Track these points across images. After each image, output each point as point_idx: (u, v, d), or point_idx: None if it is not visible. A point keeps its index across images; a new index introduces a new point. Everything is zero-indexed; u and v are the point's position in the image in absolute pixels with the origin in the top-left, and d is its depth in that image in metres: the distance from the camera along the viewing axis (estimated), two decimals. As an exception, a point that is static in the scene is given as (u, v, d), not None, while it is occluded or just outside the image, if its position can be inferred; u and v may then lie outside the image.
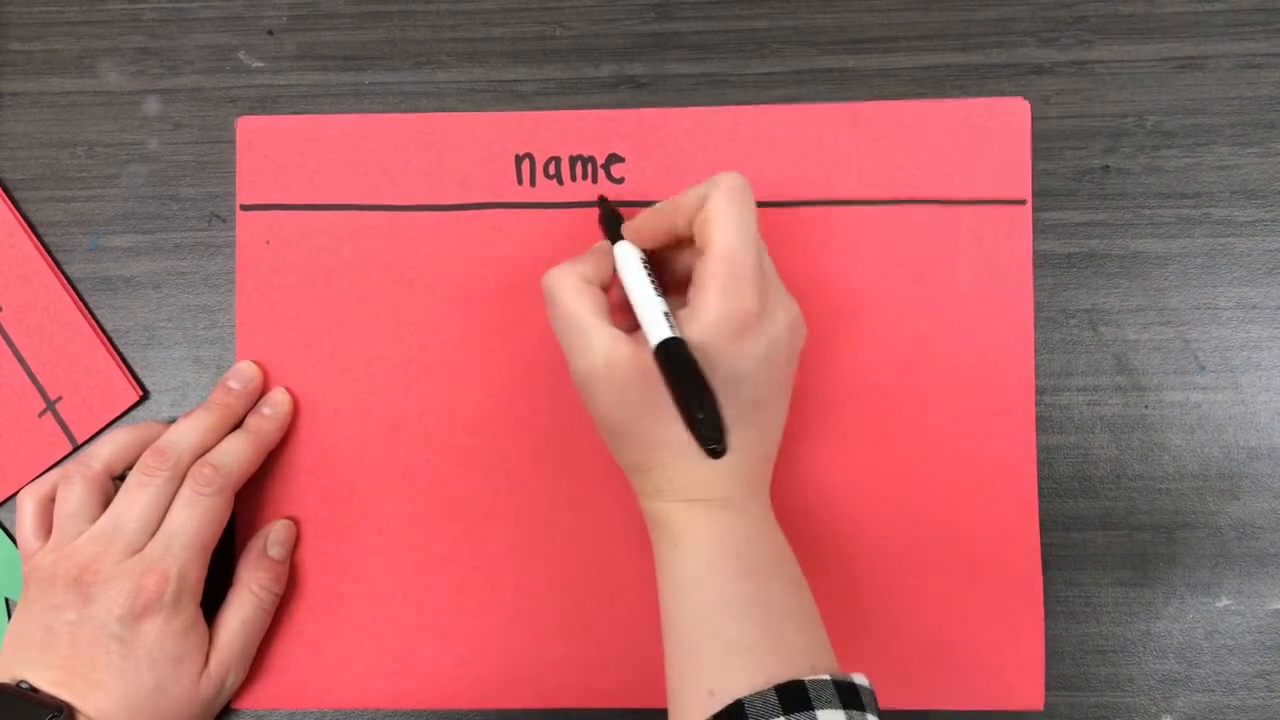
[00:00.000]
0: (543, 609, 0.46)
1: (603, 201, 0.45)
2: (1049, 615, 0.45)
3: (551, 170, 0.47)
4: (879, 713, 0.36)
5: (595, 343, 0.39)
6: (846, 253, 0.46)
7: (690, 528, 0.39)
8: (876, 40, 0.48)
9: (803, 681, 0.35)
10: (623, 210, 0.47)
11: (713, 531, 0.39)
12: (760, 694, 0.35)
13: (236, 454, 0.44)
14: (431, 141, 0.47)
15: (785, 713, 0.34)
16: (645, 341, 0.38)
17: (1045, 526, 0.46)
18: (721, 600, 0.38)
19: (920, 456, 0.46)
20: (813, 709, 0.34)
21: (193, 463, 0.43)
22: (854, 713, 0.35)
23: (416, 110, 0.48)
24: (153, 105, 0.49)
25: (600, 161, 0.47)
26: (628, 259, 0.41)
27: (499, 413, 0.47)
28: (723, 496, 0.39)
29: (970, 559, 0.45)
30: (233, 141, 0.48)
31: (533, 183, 0.47)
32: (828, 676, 0.35)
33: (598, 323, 0.39)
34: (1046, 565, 0.45)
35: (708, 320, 0.38)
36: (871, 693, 0.36)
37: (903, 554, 0.46)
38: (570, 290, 0.40)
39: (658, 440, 0.39)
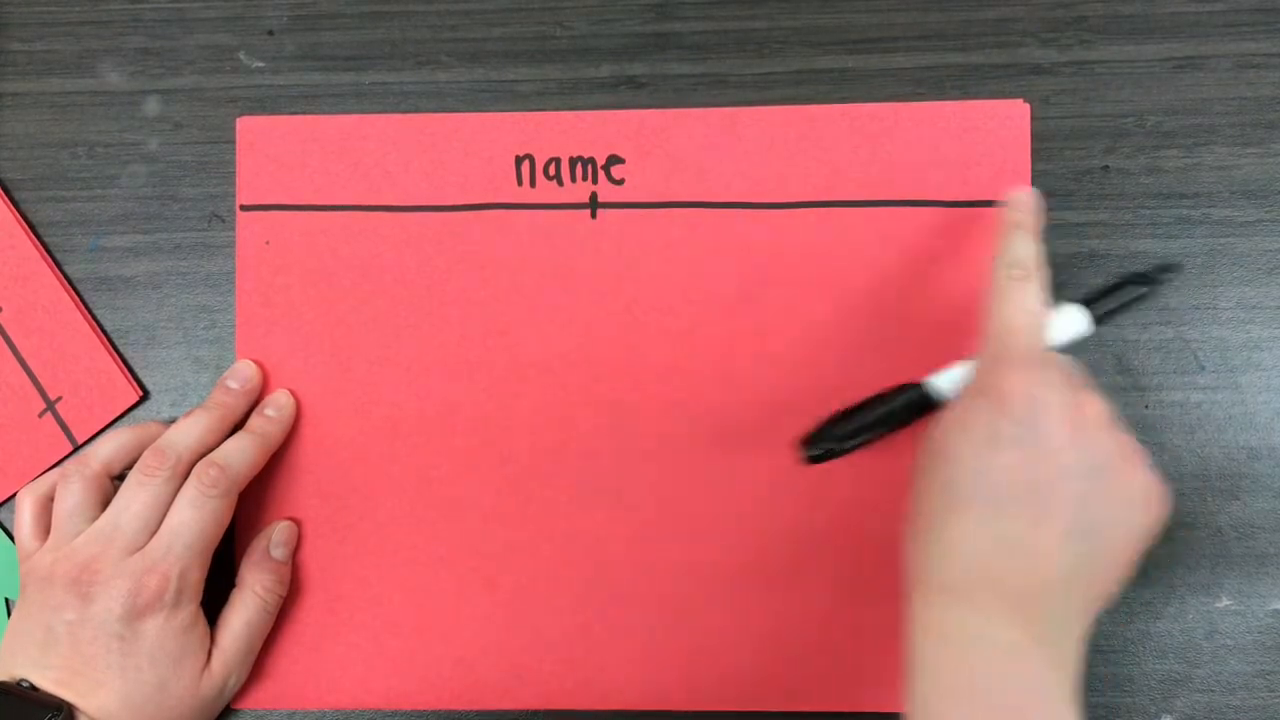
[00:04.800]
0: (543, 609, 0.46)
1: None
2: (1049, 615, 0.45)
3: (551, 171, 0.47)
4: None
5: None
6: (846, 254, 0.46)
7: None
8: (876, 40, 0.48)
9: None
10: (625, 212, 0.47)
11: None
12: None
13: (241, 454, 0.44)
14: (432, 142, 0.47)
15: None
16: None
17: (1045, 526, 0.46)
18: None
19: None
20: None
21: (192, 462, 0.43)
22: None
23: (416, 110, 0.48)
24: (153, 105, 0.49)
25: (600, 163, 0.47)
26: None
27: (499, 413, 0.47)
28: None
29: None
30: (233, 141, 0.48)
31: (533, 184, 0.47)
32: None
33: None
34: (1046, 565, 0.45)
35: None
36: None
37: (902, 554, 0.45)
38: None
39: None
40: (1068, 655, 0.35)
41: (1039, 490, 0.35)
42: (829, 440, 0.41)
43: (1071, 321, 0.41)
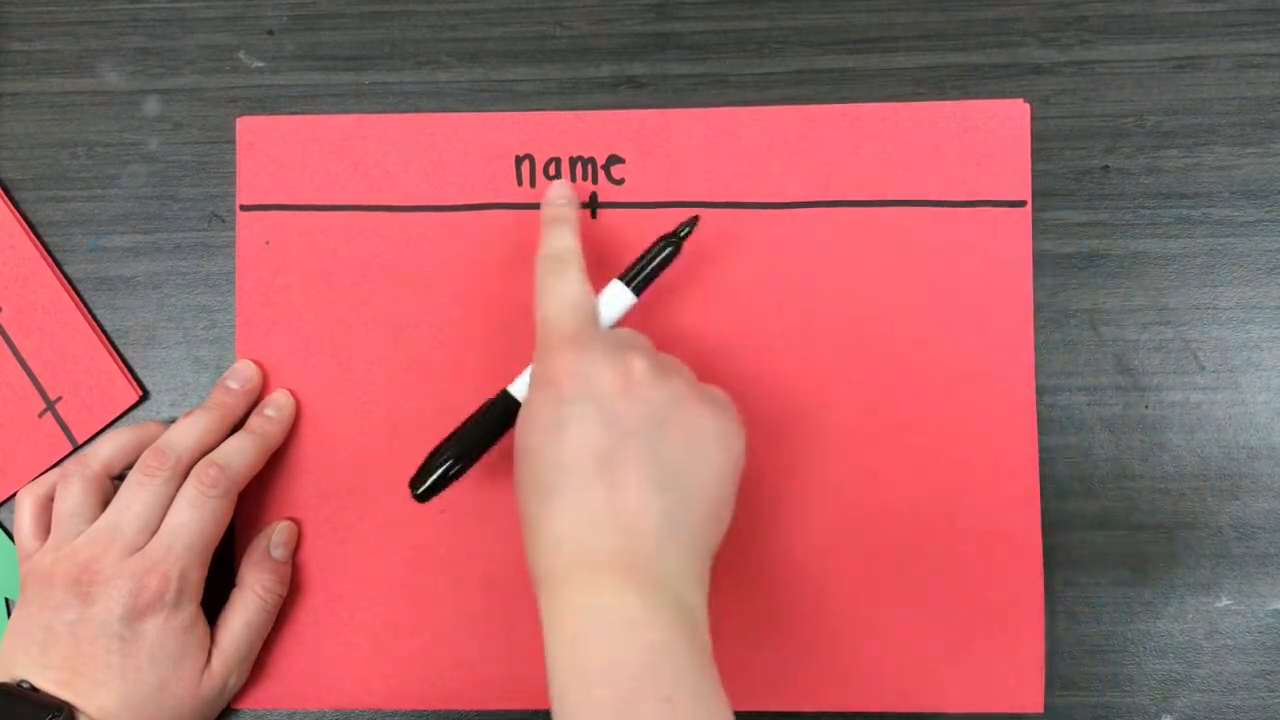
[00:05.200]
0: (543, 609, 0.46)
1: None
2: (1049, 615, 0.45)
3: (552, 171, 0.47)
4: None
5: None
6: (846, 255, 0.46)
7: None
8: (876, 40, 0.48)
9: None
10: (625, 212, 0.47)
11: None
12: None
13: (241, 454, 0.44)
14: (432, 142, 0.47)
15: None
16: None
17: (1045, 527, 0.46)
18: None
19: (920, 457, 0.46)
20: None
21: (192, 462, 0.43)
22: None
23: (416, 110, 0.48)
24: (153, 105, 0.49)
25: (600, 162, 0.47)
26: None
27: (499, 413, 0.47)
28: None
29: (970, 560, 0.45)
30: (233, 141, 0.48)
31: (533, 184, 0.47)
32: None
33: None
34: (1046, 565, 0.45)
35: None
36: None
37: (902, 554, 0.46)
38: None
39: None
40: (690, 610, 0.35)
41: (609, 457, 0.36)
42: (432, 472, 0.41)
43: (617, 297, 0.43)
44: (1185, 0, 0.47)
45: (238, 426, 0.46)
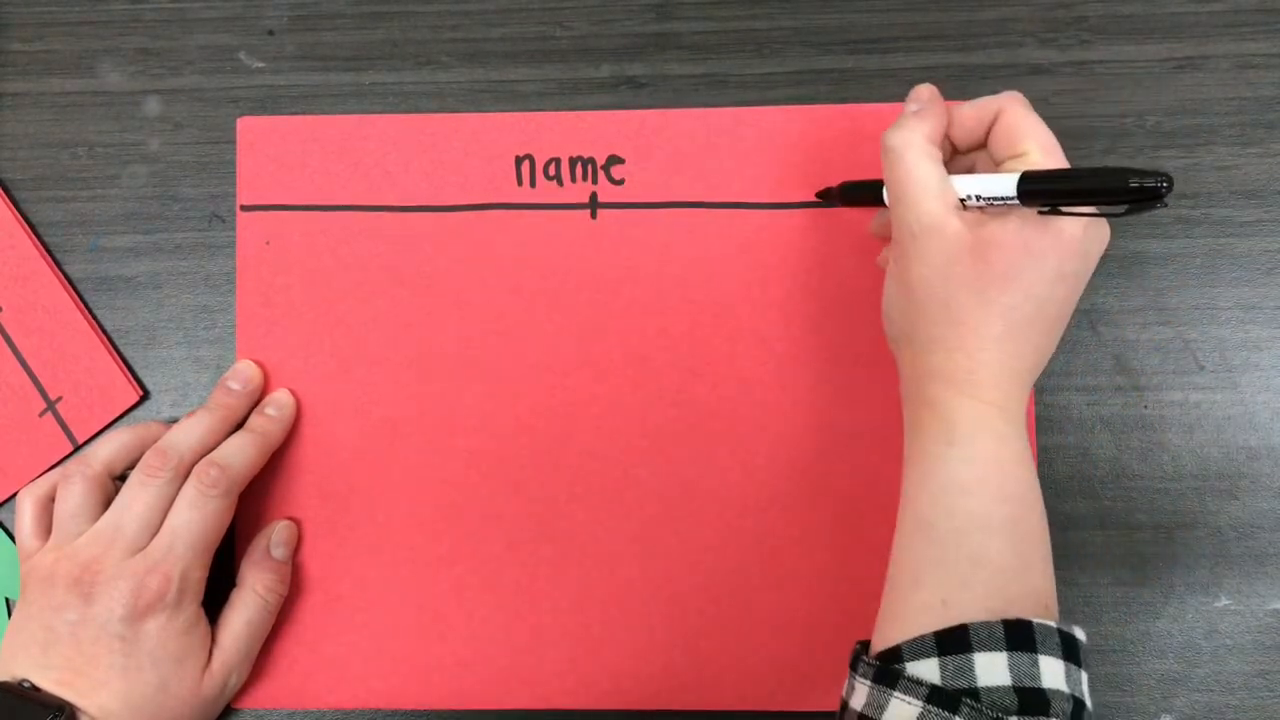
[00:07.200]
0: (543, 609, 0.46)
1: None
2: (1048, 615, 0.45)
3: (551, 171, 0.47)
4: (1089, 670, 0.36)
5: (940, 203, 0.38)
6: (847, 254, 0.46)
7: (975, 430, 0.38)
8: (876, 40, 0.48)
9: (1030, 623, 0.35)
10: (625, 212, 0.47)
11: (995, 443, 0.38)
12: (988, 625, 0.35)
13: (241, 454, 0.44)
14: (432, 142, 0.47)
15: (1010, 649, 0.34)
16: (977, 223, 0.38)
17: (1045, 526, 0.46)
18: (984, 514, 0.37)
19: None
20: (1036, 652, 0.34)
21: (194, 463, 0.43)
22: (1072, 666, 0.35)
23: (417, 110, 0.48)
24: (153, 105, 0.49)
25: (600, 163, 0.47)
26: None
27: (499, 413, 0.47)
28: (1011, 407, 0.38)
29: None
30: (233, 142, 0.48)
31: (533, 184, 0.47)
32: (1054, 624, 0.35)
33: (944, 182, 0.38)
34: (1046, 565, 0.45)
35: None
36: (1087, 649, 0.36)
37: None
38: (918, 149, 0.38)
39: (973, 322, 0.38)
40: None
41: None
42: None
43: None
44: (1185, 0, 0.47)
45: (239, 427, 0.46)
